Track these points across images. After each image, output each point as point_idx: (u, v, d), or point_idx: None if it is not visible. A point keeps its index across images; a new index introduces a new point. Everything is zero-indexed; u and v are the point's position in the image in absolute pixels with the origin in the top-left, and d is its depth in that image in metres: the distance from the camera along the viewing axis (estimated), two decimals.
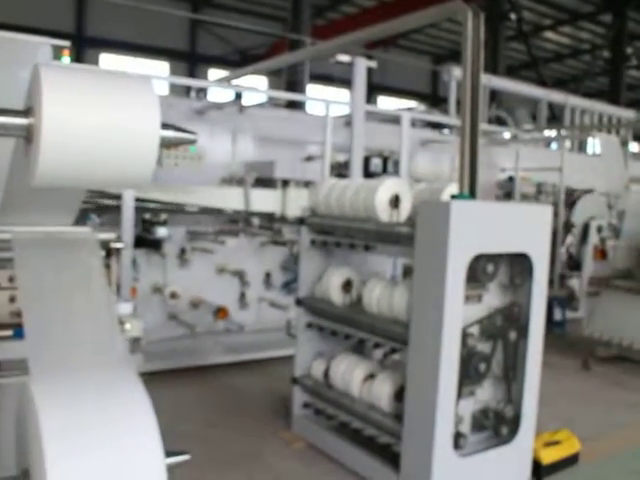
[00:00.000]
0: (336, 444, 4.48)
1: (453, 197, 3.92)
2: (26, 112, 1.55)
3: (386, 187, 4.18)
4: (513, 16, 20.07)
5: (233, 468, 4.27)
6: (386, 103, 25.41)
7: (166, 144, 1.64)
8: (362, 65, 6.61)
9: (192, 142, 1.74)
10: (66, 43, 4.51)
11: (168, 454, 1.56)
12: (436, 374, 3.59)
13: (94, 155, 1.54)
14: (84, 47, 19.96)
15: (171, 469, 1.56)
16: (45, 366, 1.64)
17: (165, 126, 1.62)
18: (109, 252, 2.26)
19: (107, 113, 1.53)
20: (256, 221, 6.70)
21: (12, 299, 2.29)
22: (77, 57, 18.57)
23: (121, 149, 1.55)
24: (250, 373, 6.35)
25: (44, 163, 1.48)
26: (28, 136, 1.55)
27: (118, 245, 2.29)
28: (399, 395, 4.01)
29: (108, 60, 20.69)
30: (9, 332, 2.14)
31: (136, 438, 1.55)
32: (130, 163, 1.58)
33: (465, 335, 3.73)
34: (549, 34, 24.40)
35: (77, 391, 1.60)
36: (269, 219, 6.78)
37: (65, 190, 2.00)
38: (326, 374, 4.65)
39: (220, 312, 6.67)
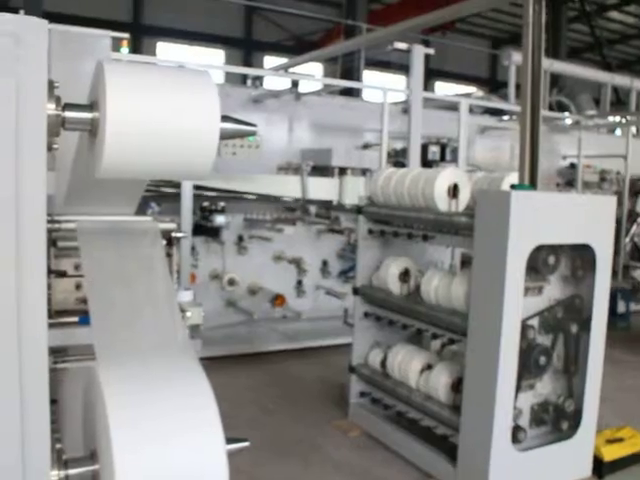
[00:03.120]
0: (393, 434, 4.47)
1: (513, 187, 3.84)
2: (90, 106, 1.57)
3: (445, 176, 4.13)
4: None
5: (289, 455, 4.31)
6: (444, 89, 25.07)
7: (226, 136, 1.65)
8: (420, 52, 6.53)
9: (251, 134, 1.74)
10: (125, 35, 4.59)
11: (228, 441, 1.58)
12: (495, 366, 3.54)
13: (156, 148, 1.55)
14: (141, 36, 20.24)
15: (230, 455, 1.58)
16: (110, 352, 1.68)
17: (225, 118, 1.63)
18: (170, 241, 2.29)
19: (168, 107, 1.55)
20: (313, 209, 6.72)
21: (78, 286, 2.35)
22: (134, 46, 18.84)
23: (182, 142, 1.57)
24: (306, 361, 6.39)
25: (108, 155, 1.50)
26: (92, 129, 1.57)
27: (179, 235, 2.33)
28: (457, 386, 3.97)
29: (165, 48, 20.94)
30: (75, 319, 2.20)
31: (198, 424, 1.57)
32: (191, 155, 1.60)
33: (525, 327, 3.67)
34: (614, 14, 23.55)
35: (141, 376, 1.63)
36: (326, 207, 6.79)
37: (127, 181, 2.03)
38: (383, 364, 4.64)
39: (277, 299, 6.73)
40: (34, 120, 1.42)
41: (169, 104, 1.54)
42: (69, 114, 1.54)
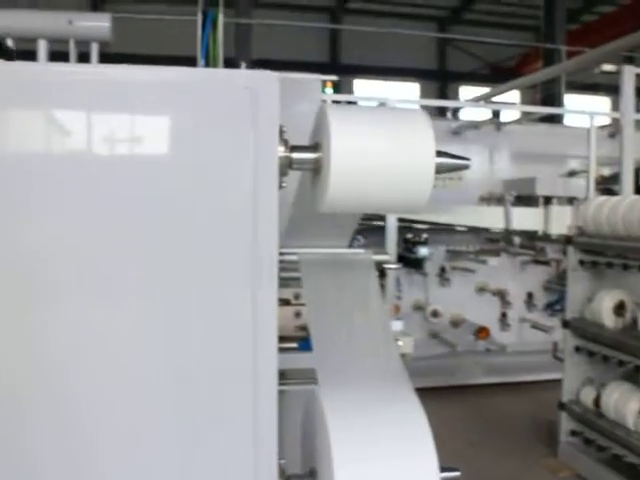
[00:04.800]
0: (608, 478, 4.20)
1: None
2: (314, 147, 1.71)
3: None
4: None
5: None
6: None
7: (441, 171, 1.70)
8: (631, 73, 6.18)
9: (465, 167, 1.79)
10: (332, 77, 4.87)
11: (441, 469, 1.61)
12: None
13: (376, 184, 1.65)
14: (339, 74, 21.06)
15: None
16: (331, 377, 1.78)
17: (439, 153, 1.69)
18: (382, 272, 2.38)
19: (387, 145, 1.64)
20: (517, 240, 6.55)
21: (297, 314, 2.50)
22: (334, 85, 19.66)
23: (400, 177, 1.65)
24: (511, 395, 6.20)
25: (331, 192, 1.62)
26: (316, 168, 1.70)
27: (391, 266, 2.41)
28: None
29: (361, 85, 21.58)
30: (294, 344, 2.34)
31: (415, 450, 1.62)
32: (408, 190, 1.67)
33: None
34: None
35: (360, 400, 1.71)
36: (530, 238, 6.59)
37: (343, 215, 2.15)
38: (596, 402, 4.39)
39: (481, 332, 6.62)
40: (268, 162, 1.57)
41: (387, 142, 1.63)
42: (296, 155, 1.67)
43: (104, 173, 1.54)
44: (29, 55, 4.68)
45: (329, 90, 5.77)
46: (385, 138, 1.64)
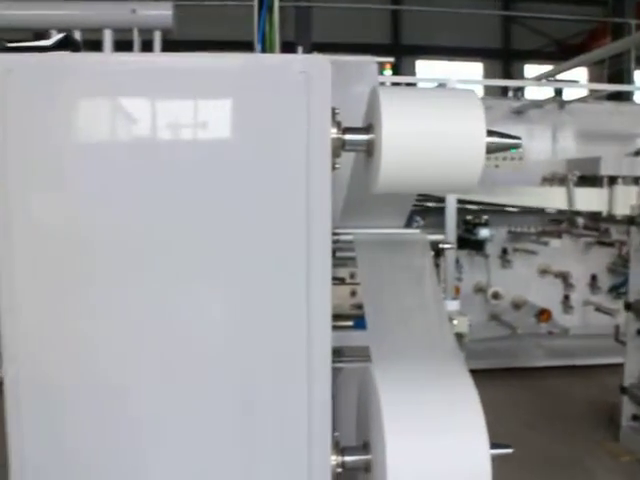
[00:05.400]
0: None
1: None
2: (366, 129, 1.75)
3: None
4: None
5: (552, 473, 4.19)
6: None
7: (491, 150, 1.72)
8: None
9: (516, 146, 1.79)
10: (389, 59, 4.87)
11: (492, 446, 1.64)
12: None
13: (426, 164, 1.68)
14: (400, 56, 20.82)
15: (493, 461, 1.64)
16: (384, 354, 1.82)
17: (490, 133, 1.70)
18: (438, 252, 2.40)
19: (437, 126, 1.66)
20: (580, 221, 6.43)
21: (352, 293, 2.56)
22: (394, 66, 19.48)
23: (450, 158, 1.67)
24: (572, 378, 6.13)
25: (384, 173, 1.66)
26: (369, 150, 1.74)
27: (446, 246, 2.43)
28: None
29: (423, 66, 21.30)
30: (350, 322, 2.40)
31: (465, 425, 1.65)
32: (458, 170, 1.69)
33: None
34: None
35: (413, 377, 1.75)
36: (594, 219, 6.46)
37: (398, 196, 2.19)
38: None
39: (543, 314, 6.54)
40: (321, 144, 1.62)
41: (438, 123, 1.66)
42: (349, 137, 1.72)
43: (169, 160, 1.62)
44: (95, 45, 4.84)
45: (388, 72, 5.76)
46: (435, 118, 1.66)
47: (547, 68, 9.80)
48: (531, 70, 20.64)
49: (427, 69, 21.06)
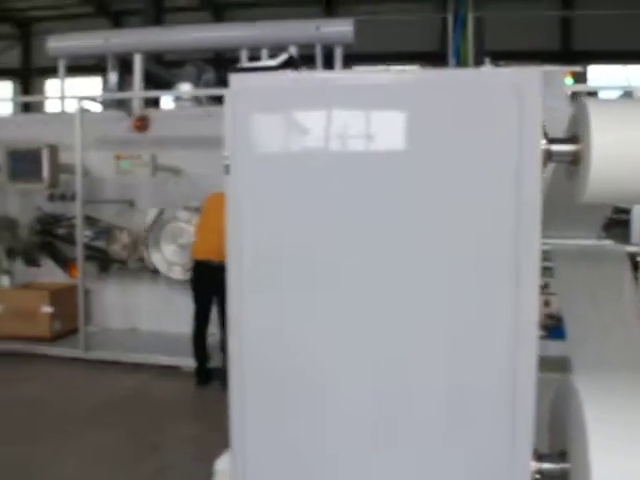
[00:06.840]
0: None
1: None
2: (572, 139, 1.76)
3: None
4: None
5: None
6: None
7: None
8: None
9: None
10: (576, 68, 4.75)
11: None
12: None
13: (635, 174, 1.67)
14: (572, 62, 19.93)
15: None
16: (586, 365, 1.82)
17: None
18: (636, 265, 2.34)
19: None
20: None
21: (546, 303, 2.55)
22: (574, 76, 18.65)
23: None
24: None
25: (592, 183, 1.66)
26: (574, 160, 1.75)
27: None
28: None
29: (596, 72, 20.27)
30: (544, 332, 2.39)
31: None
32: None
33: None
34: None
35: (616, 390, 1.73)
36: None
37: (594, 207, 2.16)
38: None
39: None
40: (532, 155, 1.66)
41: None
42: (555, 147, 1.74)
43: (381, 170, 1.73)
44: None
45: (569, 81, 5.59)
46: None
47: None
48: None
49: (602, 75, 20.02)
